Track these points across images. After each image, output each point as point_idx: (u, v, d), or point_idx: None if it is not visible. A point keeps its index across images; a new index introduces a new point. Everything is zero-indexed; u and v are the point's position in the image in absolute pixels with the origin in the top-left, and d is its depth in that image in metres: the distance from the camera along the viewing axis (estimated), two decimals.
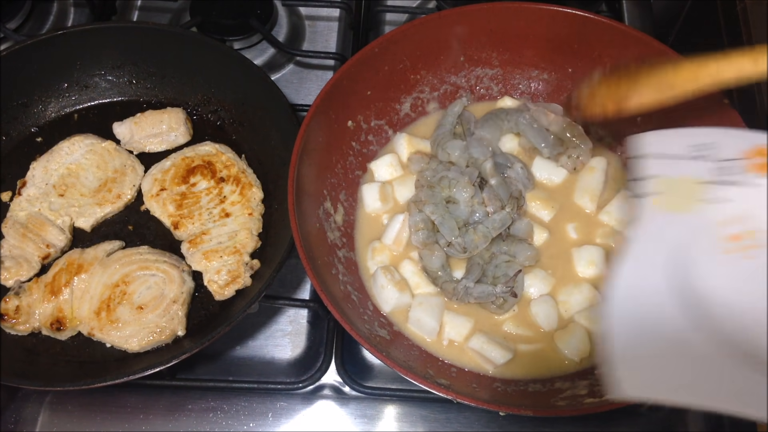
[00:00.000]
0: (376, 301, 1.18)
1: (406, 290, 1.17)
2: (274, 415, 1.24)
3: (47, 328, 1.20)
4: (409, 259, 1.21)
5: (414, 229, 1.20)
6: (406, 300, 1.17)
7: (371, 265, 1.22)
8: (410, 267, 1.20)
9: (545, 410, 1.03)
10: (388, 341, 1.12)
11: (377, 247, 1.22)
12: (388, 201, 1.26)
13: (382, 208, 1.26)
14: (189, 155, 1.36)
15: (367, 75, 1.24)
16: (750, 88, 1.29)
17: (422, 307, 1.15)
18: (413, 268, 1.20)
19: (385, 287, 1.16)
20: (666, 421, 1.25)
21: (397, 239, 1.22)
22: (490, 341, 1.12)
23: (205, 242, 1.27)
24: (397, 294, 1.16)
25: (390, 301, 1.17)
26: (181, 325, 1.20)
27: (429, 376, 1.06)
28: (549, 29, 1.26)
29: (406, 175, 1.29)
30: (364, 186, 1.27)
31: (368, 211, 1.27)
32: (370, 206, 1.26)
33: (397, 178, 1.29)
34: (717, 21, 1.44)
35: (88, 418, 1.23)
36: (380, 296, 1.17)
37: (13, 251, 1.26)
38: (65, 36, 1.38)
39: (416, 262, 1.21)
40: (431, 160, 1.28)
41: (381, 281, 1.17)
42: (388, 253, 1.22)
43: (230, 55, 1.39)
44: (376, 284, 1.18)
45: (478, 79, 1.36)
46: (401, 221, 1.22)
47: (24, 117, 1.41)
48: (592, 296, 1.16)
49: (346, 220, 1.26)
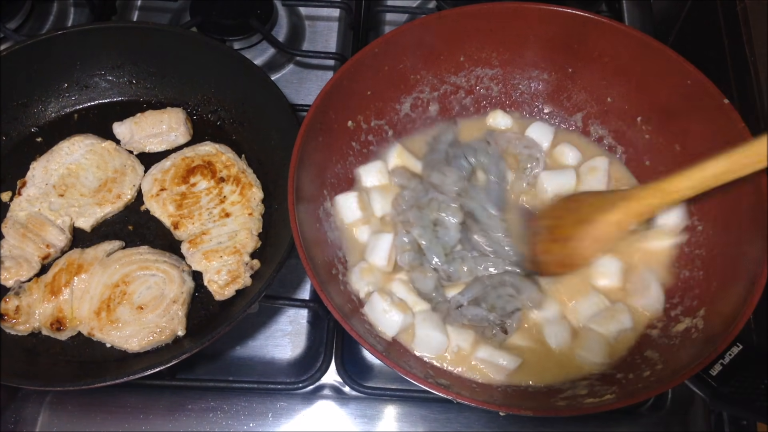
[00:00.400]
0: (376, 327, 1.12)
1: (407, 311, 1.12)
2: (274, 415, 1.24)
3: (47, 328, 1.19)
4: (399, 280, 1.17)
5: (400, 250, 1.17)
6: (409, 320, 1.12)
7: (361, 287, 1.16)
8: (401, 287, 1.16)
9: (545, 410, 1.03)
10: (388, 342, 1.12)
11: (365, 268, 1.17)
12: (367, 209, 1.22)
13: (362, 218, 1.21)
14: (189, 155, 1.36)
15: (367, 75, 1.24)
16: (750, 88, 1.30)
17: (426, 323, 1.11)
18: (404, 287, 1.16)
19: (387, 311, 1.10)
20: (666, 421, 1.25)
21: (389, 259, 1.17)
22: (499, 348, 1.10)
23: (205, 242, 1.27)
24: (401, 316, 1.10)
25: (394, 326, 1.10)
26: (181, 325, 1.20)
27: (429, 376, 1.06)
28: (549, 29, 1.26)
29: (388, 185, 1.26)
30: (339, 197, 1.22)
31: (347, 223, 1.22)
32: (349, 217, 1.21)
33: (377, 186, 1.25)
34: (717, 21, 1.44)
35: (88, 418, 1.23)
36: (382, 322, 1.11)
37: (13, 251, 1.26)
38: (65, 36, 1.38)
39: (406, 282, 1.16)
40: (413, 178, 1.24)
41: (381, 306, 1.10)
42: (379, 274, 1.17)
43: (230, 55, 1.39)
44: (375, 309, 1.11)
45: (478, 79, 1.36)
46: (389, 241, 1.17)
47: (24, 117, 1.41)
48: (600, 301, 1.15)
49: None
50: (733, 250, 1.09)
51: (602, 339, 1.13)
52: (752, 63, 1.30)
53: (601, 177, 1.26)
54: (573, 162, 1.30)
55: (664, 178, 1.03)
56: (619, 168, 1.31)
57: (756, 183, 1.05)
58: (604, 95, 1.31)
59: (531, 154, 1.28)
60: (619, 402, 0.96)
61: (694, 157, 1.19)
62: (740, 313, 0.97)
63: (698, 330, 1.06)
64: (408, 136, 1.35)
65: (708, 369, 0.99)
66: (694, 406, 1.26)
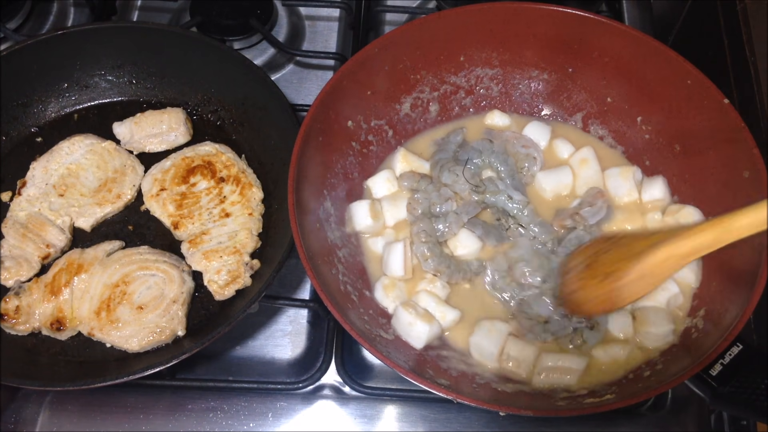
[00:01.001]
0: (404, 339, 1.12)
1: (434, 321, 1.11)
2: (274, 415, 1.24)
3: (47, 328, 1.19)
4: (426, 292, 1.16)
5: (422, 258, 1.17)
6: (436, 331, 1.12)
7: (388, 305, 1.16)
8: (428, 298, 1.15)
9: (545, 410, 1.03)
10: (388, 341, 1.12)
11: (387, 284, 1.17)
12: (379, 219, 1.22)
13: (374, 226, 1.21)
14: (189, 155, 1.36)
15: (366, 75, 1.24)
16: (750, 88, 1.30)
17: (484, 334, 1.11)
18: (431, 298, 1.15)
19: (413, 324, 1.10)
20: (666, 421, 1.25)
21: (406, 268, 1.16)
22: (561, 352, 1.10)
23: (205, 242, 1.27)
24: (427, 327, 1.10)
25: (422, 336, 1.10)
26: (181, 325, 1.20)
27: (429, 376, 1.06)
28: (549, 29, 1.26)
29: (398, 192, 1.26)
30: (353, 205, 1.21)
31: (358, 230, 1.22)
32: (361, 224, 1.21)
33: (387, 196, 1.25)
34: (717, 21, 1.44)
35: (88, 418, 1.23)
36: (410, 334, 1.11)
37: (13, 251, 1.26)
38: (65, 36, 1.38)
39: (432, 294, 1.16)
40: (422, 179, 1.24)
41: (407, 319, 1.10)
42: (402, 287, 1.18)
43: (230, 55, 1.39)
44: (401, 323, 1.12)
45: (478, 79, 1.36)
46: (401, 249, 1.16)
47: (24, 117, 1.41)
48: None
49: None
50: (733, 250, 1.09)
51: (659, 311, 1.11)
52: (752, 63, 1.30)
53: (593, 165, 1.27)
54: (568, 155, 1.31)
55: (725, 214, 0.93)
56: (606, 151, 1.32)
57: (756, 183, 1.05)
58: (604, 95, 1.31)
59: (528, 153, 1.28)
60: (619, 402, 0.96)
61: (694, 157, 1.20)
62: (740, 313, 0.97)
63: (698, 330, 1.06)
64: (411, 139, 1.35)
65: (708, 369, 0.99)
66: (694, 406, 1.26)
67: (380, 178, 1.27)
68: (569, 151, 1.31)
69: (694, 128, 1.19)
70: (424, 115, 1.36)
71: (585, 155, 1.28)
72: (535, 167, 1.28)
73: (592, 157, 1.27)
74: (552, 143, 1.32)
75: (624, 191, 1.24)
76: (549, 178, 1.27)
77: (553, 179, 1.27)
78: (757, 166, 1.06)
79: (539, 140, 1.31)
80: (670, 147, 1.24)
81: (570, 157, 1.30)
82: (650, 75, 1.22)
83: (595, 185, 1.25)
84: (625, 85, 1.27)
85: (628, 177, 1.24)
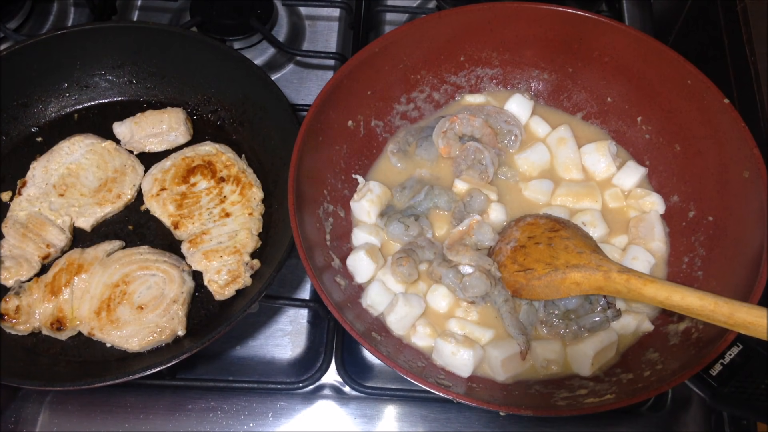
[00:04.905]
0: (452, 370, 1.10)
1: (475, 345, 1.09)
2: (274, 415, 1.24)
3: (47, 328, 1.20)
4: (455, 318, 1.14)
5: (457, 289, 1.13)
6: (480, 355, 1.09)
7: (418, 341, 1.13)
8: (458, 324, 1.13)
9: (545, 410, 1.03)
10: (388, 341, 1.12)
11: (421, 333, 1.13)
12: (379, 258, 1.18)
13: (378, 267, 1.18)
14: (189, 155, 1.36)
15: (367, 75, 1.24)
16: (750, 88, 1.30)
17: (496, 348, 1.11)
18: (461, 324, 1.13)
19: (456, 353, 1.08)
20: (666, 421, 1.25)
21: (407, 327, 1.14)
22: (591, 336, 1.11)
23: (205, 242, 1.27)
24: (470, 353, 1.07)
25: (468, 362, 1.08)
26: (181, 325, 1.20)
27: (429, 376, 1.06)
28: (549, 29, 1.26)
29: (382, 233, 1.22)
30: (350, 256, 1.18)
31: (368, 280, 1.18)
32: (367, 275, 1.17)
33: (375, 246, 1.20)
34: (717, 21, 1.44)
35: (88, 418, 1.23)
36: (455, 364, 1.09)
37: (13, 251, 1.26)
38: (65, 36, 1.38)
39: (459, 319, 1.14)
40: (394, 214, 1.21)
41: (449, 349, 1.08)
42: (431, 318, 1.15)
43: (230, 55, 1.39)
44: (443, 355, 1.09)
45: (478, 79, 1.36)
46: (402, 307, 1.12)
47: (24, 117, 1.41)
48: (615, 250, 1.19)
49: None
50: (733, 250, 1.09)
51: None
52: (752, 63, 1.30)
53: (571, 144, 1.29)
54: (543, 134, 1.32)
55: (645, 277, 0.99)
56: (583, 127, 1.34)
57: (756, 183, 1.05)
58: (604, 95, 1.31)
59: (510, 129, 1.30)
60: (619, 402, 0.96)
61: (694, 157, 1.20)
62: None
63: (698, 330, 1.06)
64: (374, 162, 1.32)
65: (708, 369, 0.99)
66: (694, 406, 1.26)
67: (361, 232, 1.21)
68: (543, 130, 1.32)
69: (695, 128, 1.19)
70: (424, 114, 1.36)
71: (562, 134, 1.30)
72: (515, 144, 1.30)
73: (570, 137, 1.29)
74: (530, 121, 1.34)
75: (603, 167, 1.27)
76: (527, 158, 1.28)
77: (532, 159, 1.28)
78: (757, 166, 1.06)
79: (521, 115, 1.32)
80: (670, 147, 1.24)
81: (547, 137, 1.32)
82: (650, 75, 1.23)
83: (572, 164, 1.28)
84: (625, 85, 1.27)
85: (604, 152, 1.27)
